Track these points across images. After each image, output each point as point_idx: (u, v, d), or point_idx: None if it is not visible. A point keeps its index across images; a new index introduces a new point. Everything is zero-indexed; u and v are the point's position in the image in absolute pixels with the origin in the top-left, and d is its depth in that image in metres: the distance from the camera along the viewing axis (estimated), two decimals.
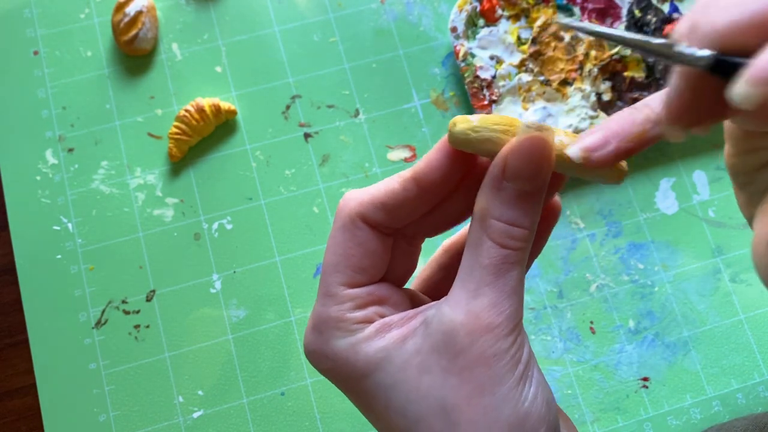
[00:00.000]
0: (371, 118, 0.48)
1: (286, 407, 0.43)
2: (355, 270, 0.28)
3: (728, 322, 0.44)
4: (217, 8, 0.49)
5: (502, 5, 0.48)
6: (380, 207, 0.27)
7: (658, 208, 0.46)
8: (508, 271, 0.26)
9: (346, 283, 0.28)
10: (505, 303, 0.26)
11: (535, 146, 0.25)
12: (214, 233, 0.45)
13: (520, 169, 0.26)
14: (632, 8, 0.48)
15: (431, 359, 0.26)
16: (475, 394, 0.25)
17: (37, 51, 0.48)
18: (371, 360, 0.27)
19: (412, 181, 0.27)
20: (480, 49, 0.47)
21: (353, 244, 0.28)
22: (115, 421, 0.42)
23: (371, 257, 0.28)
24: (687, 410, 0.43)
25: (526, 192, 0.26)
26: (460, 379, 0.25)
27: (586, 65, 0.47)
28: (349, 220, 0.28)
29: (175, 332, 0.44)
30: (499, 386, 0.25)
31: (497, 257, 0.26)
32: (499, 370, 0.25)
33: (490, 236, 0.26)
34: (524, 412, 0.25)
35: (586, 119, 0.46)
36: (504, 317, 0.26)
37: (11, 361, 0.43)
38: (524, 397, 0.25)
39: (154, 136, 0.47)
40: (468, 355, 0.25)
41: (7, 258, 0.45)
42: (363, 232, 0.28)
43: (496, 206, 0.26)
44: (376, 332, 0.27)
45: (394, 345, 0.27)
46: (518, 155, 0.26)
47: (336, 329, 0.27)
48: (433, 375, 0.26)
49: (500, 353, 0.25)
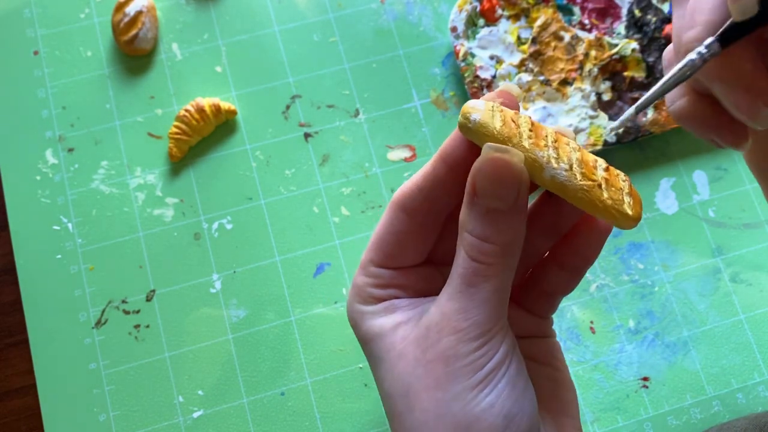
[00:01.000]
0: (371, 118, 0.48)
1: (286, 407, 0.43)
2: (385, 254, 0.31)
3: (728, 322, 0.44)
4: (217, 8, 0.49)
5: (502, 5, 0.48)
6: (417, 191, 0.29)
7: (658, 207, 0.46)
8: (479, 283, 0.27)
9: (375, 262, 0.31)
10: (473, 311, 0.27)
11: (497, 168, 0.26)
12: (214, 233, 0.45)
13: (487, 189, 0.26)
14: (632, 8, 0.48)
15: (410, 348, 0.28)
16: (431, 386, 0.27)
17: (37, 51, 0.48)
18: (369, 332, 0.30)
19: (440, 160, 0.29)
20: (480, 49, 0.47)
21: (389, 231, 0.30)
22: (115, 421, 0.42)
23: (401, 246, 0.30)
24: (687, 410, 0.43)
25: (497, 210, 0.27)
26: (425, 370, 0.27)
27: (586, 65, 0.47)
28: (393, 209, 0.30)
29: (175, 332, 0.44)
30: (453, 384, 0.26)
31: (468, 269, 0.27)
32: (456, 370, 0.27)
33: (463, 247, 0.27)
34: (473, 415, 0.26)
35: (586, 119, 0.46)
36: (469, 323, 0.27)
37: (11, 360, 0.43)
38: (477, 402, 0.26)
39: (154, 136, 0.47)
40: (433, 350, 0.27)
41: (7, 258, 0.45)
42: (400, 221, 0.30)
43: (469, 220, 0.27)
44: (383, 310, 0.30)
45: (389, 327, 0.29)
46: (483, 176, 0.26)
47: (357, 295, 0.31)
48: (407, 362, 0.28)
49: (460, 355, 0.27)
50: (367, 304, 0.31)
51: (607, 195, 0.26)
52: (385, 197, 0.46)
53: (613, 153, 0.47)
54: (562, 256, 0.31)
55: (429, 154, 0.47)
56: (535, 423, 0.28)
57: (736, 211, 0.46)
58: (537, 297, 0.32)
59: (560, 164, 0.26)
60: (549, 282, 0.31)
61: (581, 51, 0.47)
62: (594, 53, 0.47)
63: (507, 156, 0.26)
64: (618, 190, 0.26)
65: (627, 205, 0.26)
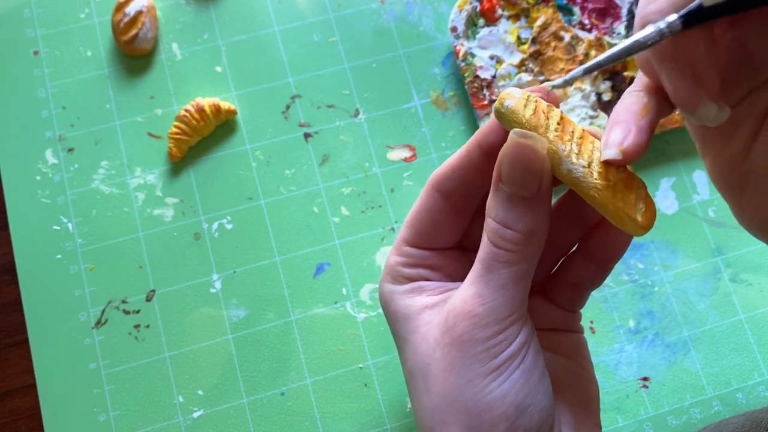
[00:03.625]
0: (371, 118, 0.48)
1: (286, 407, 0.43)
2: (418, 233, 0.31)
3: (728, 322, 0.44)
4: (217, 8, 0.49)
5: (502, 5, 0.48)
6: (451, 173, 0.30)
7: (658, 207, 0.46)
8: (498, 268, 0.27)
9: (408, 241, 0.31)
10: (489, 296, 0.27)
11: (521, 153, 0.26)
12: (214, 233, 0.45)
13: (510, 174, 0.27)
14: (632, 8, 0.48)
15: (433, 331, 0.29)
16: (447, 369, 0.27)
17: (37, 51, 0.48)
18: (397, 312, 0.31)
19: (475, 144, 0.30)
20: (480, 49, 0.47)
21: (424, 210, 0.31)
22: (115, 421, 0.42)
23: (435, 225, 0.31)
24: (687, 410, 0.43)
25: (520, 196, 0.27)
26: (443, 353, 0.28)
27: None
28: (428, 188, 0.31)
29: (175, 332, 0.44)
30: (466, 370, 0.27)
31: (489, 253, 0.27)
32: (471, 356, 0.27)
33: (486, 232, 0.28)
34: (485, 403, 0.26)
35: (586, 119, 0.46)
36: (485, 309, 0.27)
37: (11, 360, 0.43)
38: (489, 390, 0.26)
39: (154, 136, 0.47)
40: (450, 334, 0.27)
41: (7, 258, 0.45)
42: (435, 201, 0.31)
43: (493, 205, 0.28)
44: (411, 290, 0.31)
45: (415, 309, 0.30)
46: (507, 161, 0.27)
47: (389, 274, 0.32)
48: (429, 344, 0.28)
49: (475, 341, 0.27)
50: (397, 283, 0.31)
51: (620, 197, 0.26)
52: (386, 197, 0.46)
53: None
54: (589, 249, 0.31)
55: (429, 154, 0.47)
56: (549, 416, 0.28)
57: None
58: (564, 289, 0.32)
59: (579, 160, 0.26)
60: (576, 274, 0.32)
61: (581, 51, 0.47)
62: (594, 53, 0.47)
63: (530, 141, 0.26)
64: (632, 195, 0.26)
65: (639, 211, 0.26)
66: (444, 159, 0.47)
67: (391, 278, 0.32)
